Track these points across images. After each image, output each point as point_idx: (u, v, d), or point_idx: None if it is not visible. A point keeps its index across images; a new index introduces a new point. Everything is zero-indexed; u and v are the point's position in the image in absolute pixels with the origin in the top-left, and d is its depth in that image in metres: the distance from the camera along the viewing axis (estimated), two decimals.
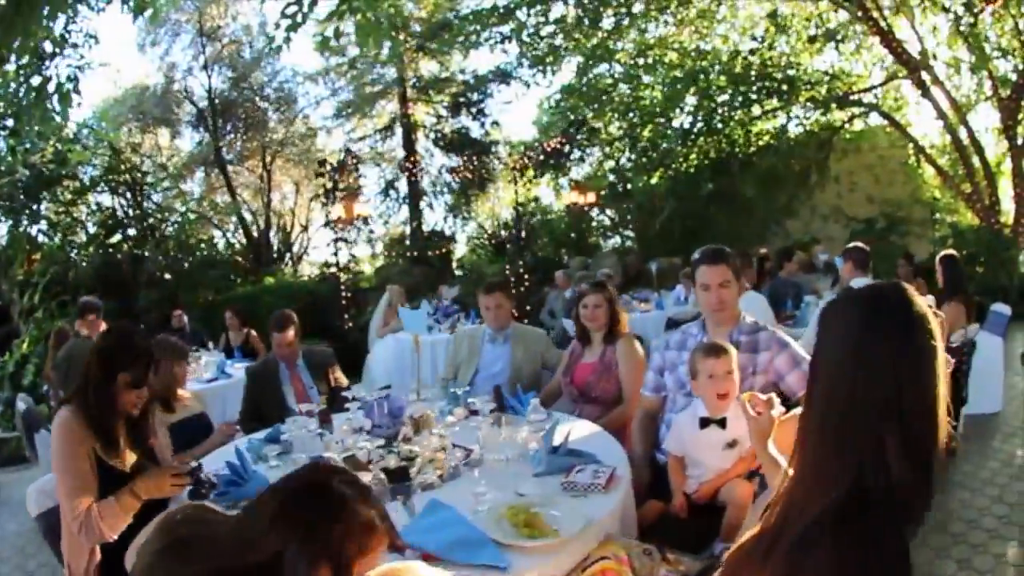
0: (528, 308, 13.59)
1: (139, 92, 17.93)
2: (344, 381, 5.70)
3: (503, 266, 16.30)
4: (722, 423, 3.20)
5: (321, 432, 3.72)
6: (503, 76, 16.95)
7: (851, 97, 15.51)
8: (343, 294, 13.98)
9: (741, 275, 4.91)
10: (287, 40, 6.75)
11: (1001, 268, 13.29)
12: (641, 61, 14.80)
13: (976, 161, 14.17)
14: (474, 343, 5.49)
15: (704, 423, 3.24)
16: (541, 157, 16.99)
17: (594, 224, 20.03)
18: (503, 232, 17.69)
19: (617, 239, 20.01)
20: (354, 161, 16.07)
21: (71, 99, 8.52)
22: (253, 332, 9.66)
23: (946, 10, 13.19)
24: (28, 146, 13.03)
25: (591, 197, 16.70)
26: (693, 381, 3.30)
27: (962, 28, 12.96)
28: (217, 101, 18.09)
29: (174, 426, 4.50)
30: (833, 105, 15.63)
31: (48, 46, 8.32)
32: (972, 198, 14.21)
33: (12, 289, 12.87)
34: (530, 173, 16.91)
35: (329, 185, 14.82)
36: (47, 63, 8.47)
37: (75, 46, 8.90)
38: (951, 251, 6.74)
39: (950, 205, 16.62)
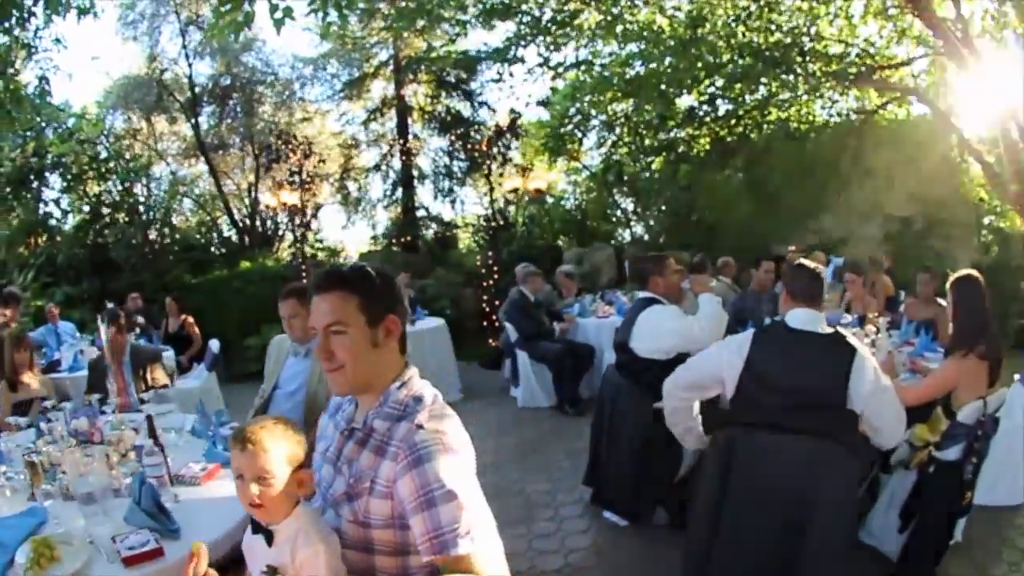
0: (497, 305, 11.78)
1: (129, 82, 16.69)
2: (162, 380, 5.80)
3: (483, 255, 14.56)
4: (269, 537, 1.96)
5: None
6: (501, 55, 14.66)
7: (881, 74, 13.05)
8: (305, 282, 12.38)
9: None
10: (228, 26, 6.88)
11: None
12: (620, 29, 12.48)
13: None
14: (281, 354, 4.58)
15: (255, 526, 2.01)
16: (489, 137, 15.05)
17: (616, 213, 17.77)
18: (487, 220, 15.48)
19: (640, 229, 17.63)
20: (302, 145, 15.00)
21: (44, 99, 9.94)
22: (190, 319, 9.94)
23: None
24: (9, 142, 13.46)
25: (542, 184, 14.53)
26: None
27: None
28: (209, 87, 16.85)
29: (16, 404, 5.35)
30: (850, 84, 13.20)
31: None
32: (1021, 200, 11.76)
33: (14, 269, 13.51)
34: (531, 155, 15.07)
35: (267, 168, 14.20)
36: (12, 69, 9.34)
37: (44, 51, 9.61)
38: (970, 272, 4.24)
39: (998, 208, 14.02)
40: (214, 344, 8.65)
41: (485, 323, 12.76)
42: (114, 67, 17.32)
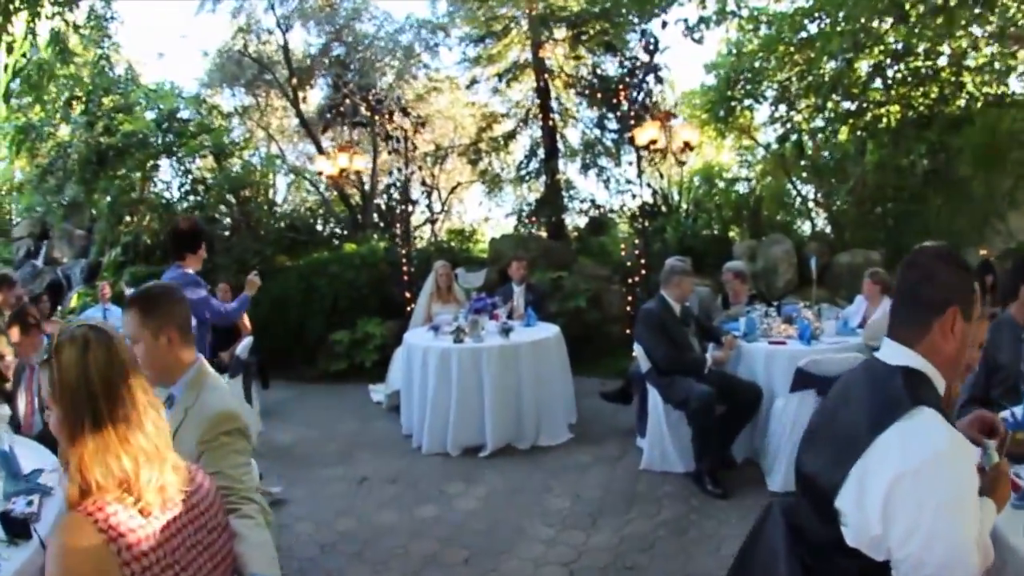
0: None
1: (224, 58, 15.61)
2: None
3: (629, 244, 11.72)
4: None
5: None
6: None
7: None
8: (404, 269, 10.87)
9: None
10: None
11: None
12: None
13: None
14: None
15: None
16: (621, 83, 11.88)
17: (794, 199, 14.68)
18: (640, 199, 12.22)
19: (820, 221, 14.39)
20: (385, 103, 12.83)
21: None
22: None
23: None
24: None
25: (693, 138, 11.13)
26: None
27: None
28: (318, 57, 15.22)
29: None
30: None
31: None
32: None
33: (106, 245, 13.44)
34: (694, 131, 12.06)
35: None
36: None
37: (103, 29, 10.22)
38: None
39: None
40: (243, 344, 7.05)
41: (628, 330, 9.73)
42: (209, 44, 16.98)
